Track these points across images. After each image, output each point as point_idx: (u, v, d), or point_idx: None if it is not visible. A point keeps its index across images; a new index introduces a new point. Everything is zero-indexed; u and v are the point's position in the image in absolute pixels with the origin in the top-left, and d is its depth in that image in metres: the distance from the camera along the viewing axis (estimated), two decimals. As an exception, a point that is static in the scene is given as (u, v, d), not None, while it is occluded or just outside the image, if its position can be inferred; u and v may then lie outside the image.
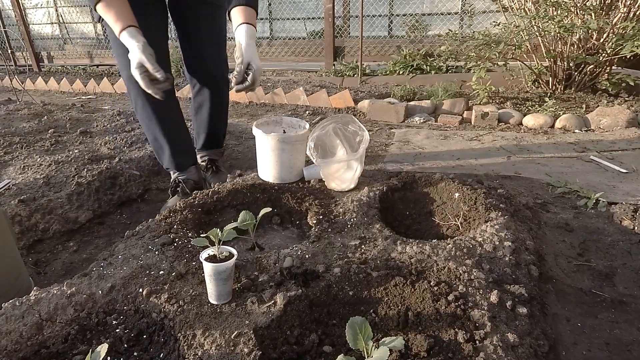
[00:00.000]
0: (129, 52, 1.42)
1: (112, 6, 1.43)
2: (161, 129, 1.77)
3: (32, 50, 6.47)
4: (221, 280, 1.02)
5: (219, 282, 1.02)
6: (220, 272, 1.01)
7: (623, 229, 1.50)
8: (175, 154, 1.84)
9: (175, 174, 1.89)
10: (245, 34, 1.48)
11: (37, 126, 2.91)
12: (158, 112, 1.75)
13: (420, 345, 0.93)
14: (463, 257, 1.16)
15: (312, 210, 1.51)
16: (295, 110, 3.57)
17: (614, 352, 1.02)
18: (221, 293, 1.04)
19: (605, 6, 2.92)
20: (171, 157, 1.84)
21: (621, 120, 2.64)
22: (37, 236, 1.64)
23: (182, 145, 1.87)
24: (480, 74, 3.12)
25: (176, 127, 1.84)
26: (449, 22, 5.19)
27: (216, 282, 1.02)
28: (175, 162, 1.85)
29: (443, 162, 2.25)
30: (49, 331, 1.00)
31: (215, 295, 1.04)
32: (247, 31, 1.48)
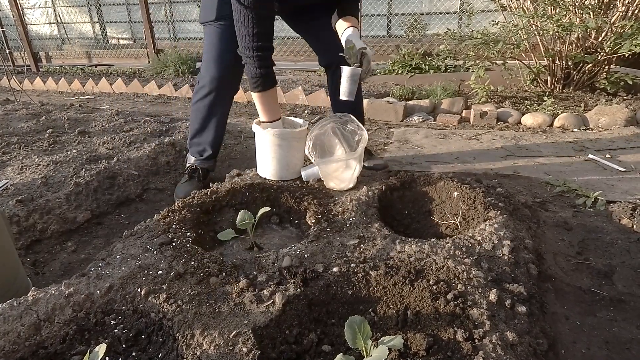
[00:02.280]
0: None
1: (270, 100, 1.71)
2: (216, 118, 1.95)
3: (30, 50, 6.45)
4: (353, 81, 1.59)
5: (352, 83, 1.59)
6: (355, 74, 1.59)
7: (622, 228, 1.51)
8: (213, 142, 1.99)
9: (195, 159, 2.02)
10: (353, 33, 1.72)
11: (35, 126, 2.90)
12: (221, 103, 1.93)
13: (419, 344, 0.93)
14: (462, 256, 1.16)
15: (311, 210, 1.51)
16: (294, 110, 3.57)
17: (613, 351, 1.02)
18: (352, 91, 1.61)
19: (603, 5, 2.92)
20: (209, 144, 1.99)
21: (619, 119, 2.65)
22: (35, 236, 1.64)
23: (220, 138, 2.03)
24: (479, 73, 3.12)
25: (224, 122, 2.01)
26: (448, 21, 5.19)
27: None
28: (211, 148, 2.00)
29: (442, 161, 2.25)
30: (47, 331, 1.00)
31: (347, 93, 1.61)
32: (355, 32, 1.73)
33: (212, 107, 1.91)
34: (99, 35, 7.58)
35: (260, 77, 1.61)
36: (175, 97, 4.36)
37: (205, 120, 1.95)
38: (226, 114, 2.01)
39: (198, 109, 1.94)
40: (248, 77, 1.65)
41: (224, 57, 1.81)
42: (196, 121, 1.97)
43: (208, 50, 1.85)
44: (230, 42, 1.78)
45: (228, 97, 1.96)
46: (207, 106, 1.90)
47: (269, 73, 1.63)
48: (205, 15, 1.84)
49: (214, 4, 1.78)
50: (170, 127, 2.87)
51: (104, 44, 7.28)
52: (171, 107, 3.96)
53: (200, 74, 1.91)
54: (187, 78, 4.95)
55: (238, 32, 1.57)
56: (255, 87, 1.65)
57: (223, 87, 1.87)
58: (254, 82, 1.63)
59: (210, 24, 1.82)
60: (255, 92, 1.66)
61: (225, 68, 1.83)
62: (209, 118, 1.94)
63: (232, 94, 1.97)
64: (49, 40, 7.97)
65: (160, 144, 2.40)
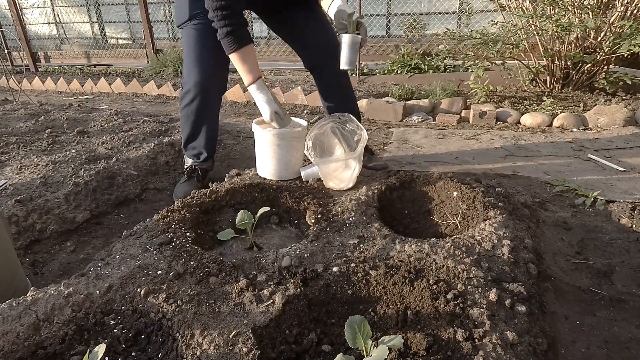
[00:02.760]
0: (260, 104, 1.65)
1: (246, 58, 1.60)
2: (206, 121, 1.92)
3: (29, 50, 6.44)
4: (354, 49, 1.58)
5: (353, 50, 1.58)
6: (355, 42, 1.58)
7: (621, 227, 1.51)
8: (207, 145, 1.97)
9: (193, 161, 2.00)
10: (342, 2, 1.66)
11: (34, 126, 2.89)
12: (209, 106, 1.90)
13: (419, 344, 0.93)
14: (462, 256, 1.16)
15: (311, 210, 1.51)
16: (293, 110, 3.56)
17: (612, 350, 1.02)
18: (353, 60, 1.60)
19: (602, 5, 2.92)
20: (204, 147, 1.97)
21: (618, 119, 2.65)
22: (34, 236, 1.63)
23: (214, 140, 2.01)
24: (478, 73, 3.12)
25: (216, 122, 1.99)
26: (447, 21, 5.19)
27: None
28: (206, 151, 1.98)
29: (441, 161, 2.25)
30: (46, 332, 0.99)
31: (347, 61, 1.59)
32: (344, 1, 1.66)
33: (201, 111, 1.87)
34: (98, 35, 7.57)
35: (227, 35, 1.54)
36: (175, 97, 4.35)
37: (195, 124, 1.91)
38: (216, 115, 1.97)
39: (187, 115, 1.90)
40: (220, 38, 1.58)
41: (203, 59, 1.77)
42: (187, 127, 1.93)
43: (187, 54, 1.81)
44: (207, 41, 1.75)
45: (215, 98, 1.91)
46: (195, 111, 1.86)
47: (237, 29, 1.56)
48: (179, 18, 1.81)
49: (185, 4, 1.75)
50: (169, 127, 2.87)
51: (103, 43, 7.27)
52: (170, 107, 3.96)
53: (183, 79, 1.88)
54: (186, 78, 4.94)
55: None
56: (228, 47, 1.58)
57: (208, 89, 1.82)
58: (225, 43, 1.57)
59: (186, 25, 1.79)
60: (230, 52, 1.59)
61: (207, 70, 1.79)
62: (199, 122, 1.91)
63: (219, 95, 1.94)
64: (48, 40, 7.95)
65: (160, 144, 2.40)
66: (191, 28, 1.78)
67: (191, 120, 1.91)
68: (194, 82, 1.80)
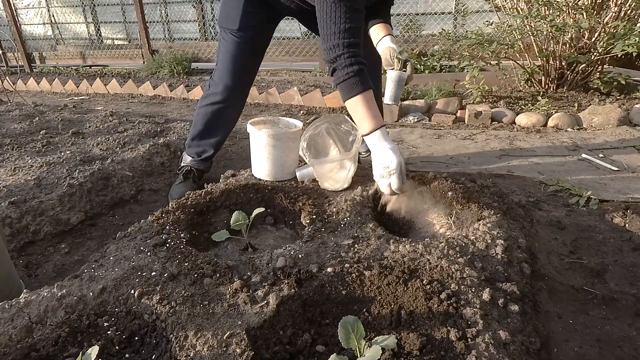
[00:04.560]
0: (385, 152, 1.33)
1: (371, 101, 1.39)
2: (223, 124, 1.95)
3: (24, 50, 6.41)
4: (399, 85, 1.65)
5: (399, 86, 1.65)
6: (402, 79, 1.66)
7: (614, 227, 1.52)
8: (214, 146, 1.99)
9: (192, 159, 2.00)
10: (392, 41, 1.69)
11: (29, 127, 2.88)
12: (229, 112, 1.92)
13: (412, 344, 0.93)
14: (456, 256, 1.17)
15: (306, 210, 1.51)
16: (289, 110, 3.56)
17: (605, 349, 1.02)
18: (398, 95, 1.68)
19: (596, 5, 2.94)
20: (211, 146, 1.98)
21: (612, 119, 2.66)
22: (28, 238, 1.62)
23: (223, 142, 2.03)
24: (474, 73, 3.13)
25: (230, 130, 2.02)
26: (443, 21, 5.20)
27: None
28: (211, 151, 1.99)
29: (437, 161, 2.26)
30: (39, 334, 0.99)
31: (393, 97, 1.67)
32: (393, 40, 1.70)
33: (221, 114, 1.90)
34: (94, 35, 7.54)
35: (355, 74, 1.36)
36: (171, 98, 4.34)
37: (210, 124, 1.93)
38: (235, 121, 2.00)
39: (205, 113, 1.91)
40: (340, 82, 1.39)
41: (241, 68, 1.80)
42: (201, 124, 1.94)
43: (225, 60, 1.80)
44: (248, 55, 1.79)
45: (239, 105, 1.95)
46: (216, 112, 1.89)
47: (364, 70, 1.39)
48: (226, 21, 1.76)
49: (238, 12, 1.70)
50: (165, 128, 2.86)
51: (99, 44, 7.25)
52: (166, 108, 3.95)
53: (213, 79, 1.87)
54: (183, 79, 4.94)
55: (325, 31, 1.37)
56: (352, 89, 1.37)
57: (236, 97, 1.87)
58: (349, 84, 1.37)
59: (231, 31, 1.76)
60: (353, 95, 1.38)
61: (241, 79, 1.82)
62: (216, 123, 1.93)
63: (243, 103, 1.97)
64: (43, 41, 7.92)
65: (155, 145, 2.39)
66: (237, 37, 1.76)
67: (207, 119, 1.92)
68: (224, 87, 1.82)
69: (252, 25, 1.73)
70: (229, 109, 1.90)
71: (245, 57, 1.79)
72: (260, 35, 1.81)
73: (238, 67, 1.80)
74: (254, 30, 1.75)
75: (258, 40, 1.81)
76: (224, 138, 2.01)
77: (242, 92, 1.89)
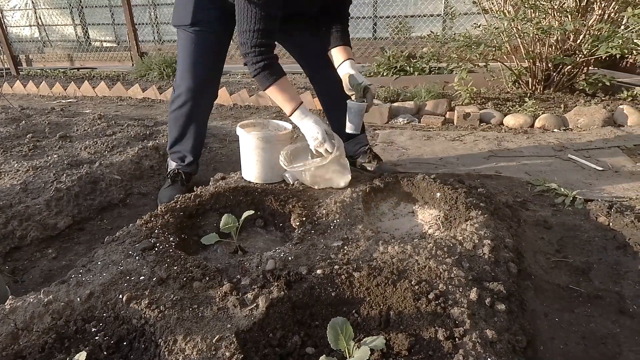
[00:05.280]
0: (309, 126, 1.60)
1: (285, 88, 1.60)
2: (195, 126, 1.93)
3: (10, 53, 6.31)
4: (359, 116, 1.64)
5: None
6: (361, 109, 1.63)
7: (599, 226, 1.54)
8: (193, 149, 1.97)
9: (177, 164, 2.00)
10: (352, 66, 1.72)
11: (15, 131, 2.84)
12: (199, 112, 1.91)
13: (401, 344, 0.94)
14: (443, 256, 1.18)
15: (296, 212, 1.51)
16: (280, 113, 3.56)
17: (589, 346, 1.04)
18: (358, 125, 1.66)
19: (581, 8, 3.00)
20: (189, 151, 1.97)
21: (597, 120, 2.71)
22: (14, 244, 1.60)
23: (200, 145, 2.03)
24: (462, 75, 3.16)
25: (204, 129, 2.01)
26: (432, 24, 5.25)
27: None
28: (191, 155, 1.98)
29: (426, 162, 2.28)
30: (25, 340, 0.98)
31: None
32: (353, 64, 1.73)
33: (190, 116, 1.88)
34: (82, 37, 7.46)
35: (263, 69, 1.54)
36: (160, 101, 4.32)
37: (183, 128, 1.92)
38: (205, 121, 1.99)
39: (176, 118, 1.90)
40: (254, 77, 1.58)
41: (199, 66, 1.78)
42: (175, 129, 1.94)
43: (183, 58, 1.80)
44: (205, 49, 1.77)
45: (206, 104, 1.93)
46: (185, 115, 1.87)
47: (272, 63, 1.56)
48: (178, 18, 1.77)
49: (188, 7, 1.72)
50: (154, 131, 2.85)
51: (87, 46, 7.17)
52: (155, 111, 3.92)
53: (175, 82, 1.87)
54: (172, 81, 4.90)
55: (239, 27, 1.52)
56: (264, 82, 1.57)
57: (200, 96, 1.84)
58: (260, 78, 1.56)
59: (185, 28, 1.76)
60: (267, 86, 1.58)
61: (202, 77, 1.80)
62: (188, 126, 1.91)
63: (211, 101, 1.95)
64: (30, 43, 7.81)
65: (144, 148, 2.37)
66: (191, 33, 1.76)
67: (179, 124, 1.91)
68: (186, 87, 1.81)
69: (204, 20, 1.71)
70: (195, 110, 1.87)
71: (202, 54, 1.77)
72: (216, 30, 1.77)
73: (197, 65, 1.78)
74: (207, 25, 1.73)
75: (214, 37, 1.78)
76: (199, 141, 1.98)
77: (205, 90, 1.86)
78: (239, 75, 5.12)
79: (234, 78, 4.97)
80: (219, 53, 1.86)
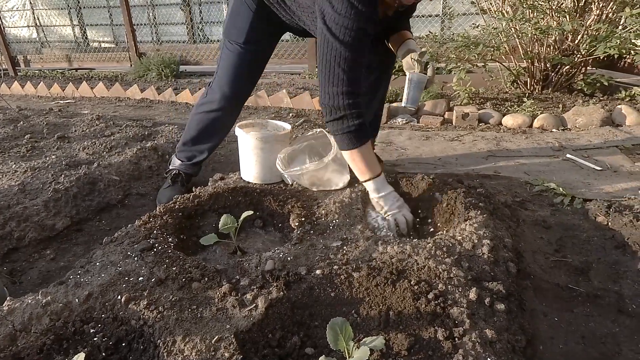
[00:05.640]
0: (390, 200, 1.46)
1: (368, 153, 1.46)
2: (218, 131, 1.94)
3: (8, 54, 6.30)
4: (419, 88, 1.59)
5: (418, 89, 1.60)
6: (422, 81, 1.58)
7: (597, 225, 1.55)
8: (208, 150, 1.98)
9: (181, 162, 1.99)
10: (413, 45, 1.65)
11: (13, 132, 2.83)
12: (225, 121, 1.91)
13: (401, 344, 0.94)
14: (443, 256, 1.18)
15: (295, 213, 1.51)
16: (278, 113, 3.56)
17: (589, 345, 1.04)
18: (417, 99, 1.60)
19: (579, 9, 3.00)
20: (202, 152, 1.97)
21: (596, 119, 2.72)
22: (12, 245, 1.60)
23: (215, 148, 2.02)
24: (461, 75, 3.17)
25: (226, 134, 2.01)
26: (431, 24, 5.26)
27: None
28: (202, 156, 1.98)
29: (425, 162, 2.28)
30: (23, 342, 0.97)
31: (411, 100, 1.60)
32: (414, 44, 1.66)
33: (217, 123, 1.89)
34: (80, 38, 7.45)
35: (356, 131, 1.39)
36: (158, 101, 4.31)
37: (204, 131, 1.92)
38: (229, 130, 1.98)
39: (201, 120, 1.90)
40: (338, 134, 1.41)
41: (241, 80, 1.79)
42: (195, 130, 1.93)
43: (226, 68, 1.78)
44: (250, 68, 1.79)
45: (235, 115, 1.94)
46: (212, 120, 1.88)
47: (364, 124, 1.40)
48: (231, 33, 1.75)
49: (244, 27, 1.70)
50: (152, 132, 2.84)
51: (85, 47, 7.16)
52: (154, 111, 3.92)
53: (211, 87, 1.86)
54: (171, 81, 4.90)
55: (323, 74, 1.35)
56: (348, 143, 1.41)
57: (233, 106, 1.86)
58: (347, 137, 1.40)
59: (236, 43, 1.74)
60: (352, 148, 1.42)
61: (240, 90, 1.82)
62: (210, 131, 1.92)
63: (239, 113, 1.96)
64: (28, 44, 7.80)
65: (142, 149, 2.37)
66: (242, 49, 1.74)
67: (201, 127, 1.91)
68: (221, 95, 1.80)
69: (257, 39, 1.73)
70: (224, 118, 1.89)
71: (247, 69, 1.78)
72: (264, 49, 1.81)
73: (238, 78, 1.79)
74: (259, 44, 1.75)
75: (261, 53, 1.81)
76: (216, 144, 2.00)
77: (239, 102, 1.89)
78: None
79: (232, 78, 4.96)
80: (261, 68, 1.88)
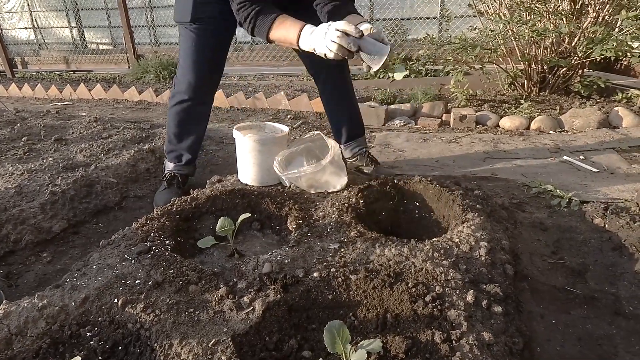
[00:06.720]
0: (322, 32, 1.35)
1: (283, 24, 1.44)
2: (195, 123, 1.92)
3: (6, 55, 6.28)
4: None
5: None
6: None
7: (594, 227, 1.55)
8: (190, 148, 1.96)
9: (174, 165, 1.99)
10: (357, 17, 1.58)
11: (10, 134, 2.82)
12: (198, 109, 1.90)
13: (398, 347, 0.94)
14: (440, 258, 1.18)
15: (292, 215, 1.51)
16: (276, 115, 3.56)
17: (585, 347, 1.05)
18: None
19: (575, 11, 3.02)
20: (186, 149, 1.96)
21: (592, 121, 2.73)
22: (9, 247, 1.59)
23: (199, 143, 2.01)
24: (458, 78, 3.18)
25: (203, 127, 1.99)
26: (428, 26, 5.27)
27: None
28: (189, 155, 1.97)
29: (422, 164, 2.28)
30: (19, 346, 0.97)
31: None
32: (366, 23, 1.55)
33: (191, 113, 1.89)
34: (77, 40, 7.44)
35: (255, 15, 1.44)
36: (156, 103, 4.30)
37: (182, 124, 1.92)
38: (205, 119, 1.98)
39: (176, 113, 1.90)
40: (249, 28, 1.47)
41: (200, 63, 1.79)
42: (173, 125, 1.93)
43: (185, 56, 1.80)
44: (206, 48, 1.77)
45: (207, 101, 1.93)
46: (186, 112, 1.88)
47: (261, 8, 1.45)
48: (179, 14, 1.77)
49: (188, 4, 1.71)
50: (150, 134, 2.84)
51: (83, 49, 7.15)
52: (152, 113, 3.91)
53: (177, 77, 1.88)
54: (169, 83, 4.90)
55: None
56: (262, 28, 1.45)
57: (201, 92, 1.85)
58: (258, 26, 1.45)
59: (185, 25, 1.76)
60: (268, 31, 1.45)
61: (203, 74, 1.81)
62: (187, 123, 1.91)
63: (212, 98, 1.95)
64: (25, 46, 7.78)
65: (140, 151, 2.36)
66: (192, 31, 1.75)
67: (179, 120, 1.91)
68: (187, 83, 1.81)
69: (205, 17, 1.71)
70: (197, 107, 1.88)
71: (204, 51, 1.77)
72: (216, 28, 1.77)
73: (199, 63, 1.78)
74: (208, 22, 1.73)
75: (215, 33, 1.78)
76: (199, 139, 1.98)
77: (207, 90, 1.87)
78: (236, 77, 5.11)
79: (230, 80, 4.97)
80: (220, 50, 1.86)
